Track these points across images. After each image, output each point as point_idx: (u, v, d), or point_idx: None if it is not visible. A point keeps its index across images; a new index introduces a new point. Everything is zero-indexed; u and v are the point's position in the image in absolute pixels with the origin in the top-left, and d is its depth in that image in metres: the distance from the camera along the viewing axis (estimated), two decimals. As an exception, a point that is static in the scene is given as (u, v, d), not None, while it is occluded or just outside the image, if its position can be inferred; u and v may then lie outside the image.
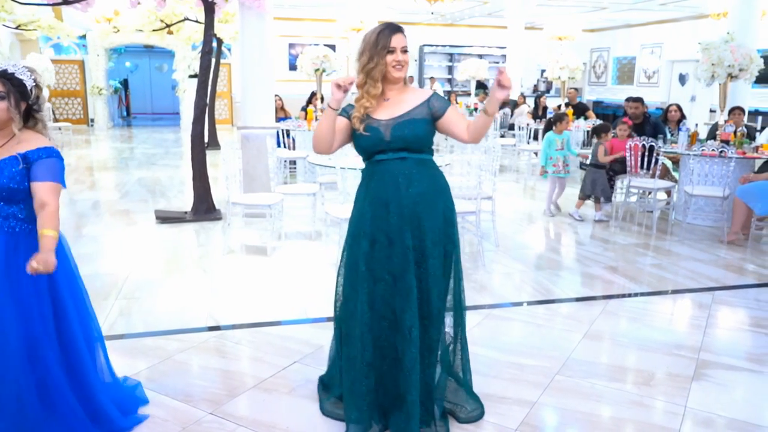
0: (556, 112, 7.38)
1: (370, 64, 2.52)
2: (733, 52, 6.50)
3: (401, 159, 2.56)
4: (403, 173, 2.56)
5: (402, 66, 2.55)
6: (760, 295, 4.58)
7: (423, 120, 2.58)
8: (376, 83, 2.54)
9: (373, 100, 2.55)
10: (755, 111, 12.79)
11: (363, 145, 2.60)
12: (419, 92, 2.67)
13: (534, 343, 3.67)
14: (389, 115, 2.57)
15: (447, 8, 12.79)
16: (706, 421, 2.84)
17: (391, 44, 2.51)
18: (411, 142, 2.56)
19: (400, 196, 2.55)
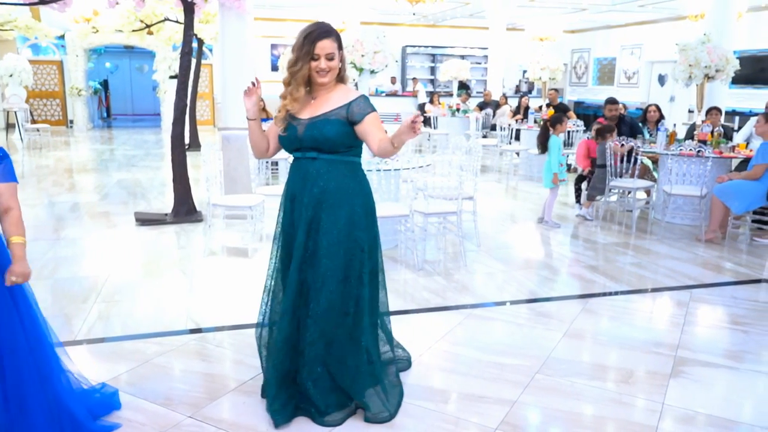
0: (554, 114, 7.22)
1: (295, 67, 2.56)
2: (710, 53, 6.60)
3: (312, 159, 2.63)
4: (310, 172, 2.63)
5: (327, 72, 2.57)
6: (737, 292, 4.65)
7: (337, 122, 2.59)
8: (299, 87, 2.58)
9: (295, 103, 2.60)
10: (732, 111, 13.00)
11: (282, 143, 2.70)
12: (345, 93, 2.67)
13: (515, 342, 3.69)
14: (309, 114, 2.63)
15: (429, 9, 12.82)
16: (683, 417, 2.87)
17: (315, 52, 2.53)
18: (321, 143, 2.59)
19: (304, 195, 2.64)
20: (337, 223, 2.61)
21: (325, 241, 2.61)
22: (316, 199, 2.63)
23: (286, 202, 2.75)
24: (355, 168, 2.71)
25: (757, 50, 13.80)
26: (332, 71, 2.59)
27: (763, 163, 5.62)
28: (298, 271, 2.65)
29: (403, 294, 4.47)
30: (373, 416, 2.72)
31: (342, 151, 2.64)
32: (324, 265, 2.62)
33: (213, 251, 5.47)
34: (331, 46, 2.56)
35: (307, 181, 2.63)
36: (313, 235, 2.63)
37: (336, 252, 2.63)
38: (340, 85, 2.71)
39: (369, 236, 2.73)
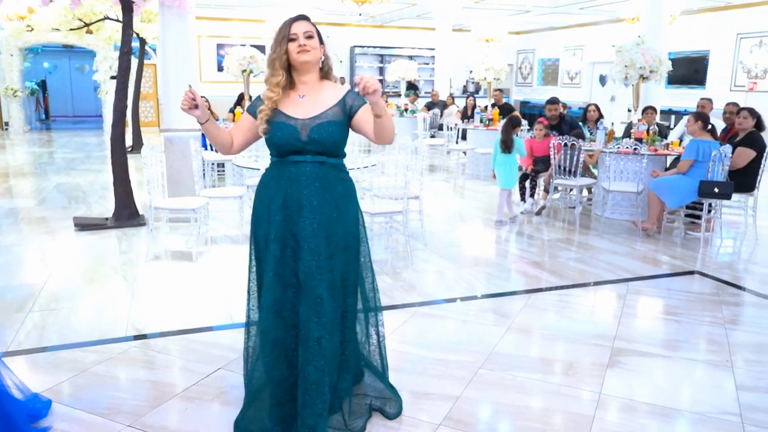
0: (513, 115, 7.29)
1: (273, 55, 2.48)
2: (644, 54, 6.85)
3: (319, 163, 2.48)
4: (320, 178, 2.47)
5: (308, 50, 2.45)
6: (671, 284, 4.85)
7: (339, 123, 2.49)
8: (276, 71, 2.46)
9: (276, 88, 2.46)
10: (669, 110, 13.53)
11: (277, 142, 2.48)
12: (335, 89, 2.56)
13: (460, 339, 3.74)
14: (305, 114, 2.47)
15: (375, 10, 12.86)
16: (620, 406, 2.98)
17: (292, 31, 2.45)
18: (329, 147, 2.48)
19: (317, 201, 2.46)
20: (348, 226, 2.55)
21: (341, 247, 2.53)
22: (330, 205, 2.49)
23: (291, 211, 2.46)
24: (346, 169, 2.66)
25: (690, 52, 14.41)
26: (314, 51, 2.46)
27: (688, 159, 5.87)
28: (321, 284, 2.44)
29: (350, 294, 4.47)
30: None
31: (341, 154, 2.59)
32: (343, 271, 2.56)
33: (156, 256, 5.35)
34: (307, 25, 2.48)
35: (318, 188, 2.46)
36: (333, 242, 2.50)
37: (350, 256, 2.58)
38: (327, 81, 2.59)
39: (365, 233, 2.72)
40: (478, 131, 10.23)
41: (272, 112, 2.48)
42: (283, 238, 2.47)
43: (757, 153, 6.11)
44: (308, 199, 2.45)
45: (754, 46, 13.07)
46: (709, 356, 3.57)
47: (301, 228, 2.44)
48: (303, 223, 2.44)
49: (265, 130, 2.48)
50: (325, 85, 2.57)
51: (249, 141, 2.63)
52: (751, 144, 6.12)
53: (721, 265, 5.44)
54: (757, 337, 3.85)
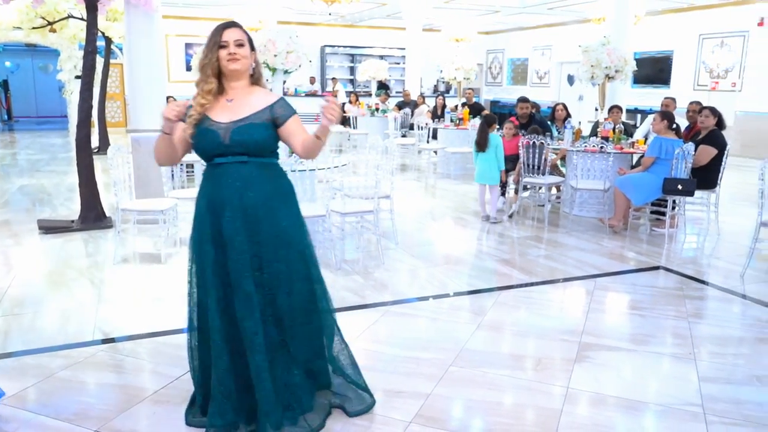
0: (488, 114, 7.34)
1: (204, 60, 2.49)
2: (609, 54, 6.98)
3: (241, 163, 2.52)
4: (242, 177, 2.51)
5: (238, 59, 2.49)
6: (637, 279, 4.95)
7: (263, 125, 2.53)
8: (208, 78, 2.49)
9: (207, 95, 2.49)
10: (635, 109, 13.79)
11: (201, 147, 2.53)
12: (265, 95, 2.61)
13: (431, 336, 3.77)
14: (229, 118, 2.50)
15: (345, 9, 12.85)
16: (587, 399, 3.04)
17: (223, 39, 2.47)
18: (251, 148, 2.51)
19: (238, 201, 2.51)
20: (278, 225, 2.56)
21: (271, 246, 2.55)
22: (252, 203, 2.52)
23: (217, 212, 2.53)
24: (279, 169, 2.68)
25: (655, 52, 14.72)
26: (244, 60, 2.50)
27: (650, 156, 6.01)
28: (248, 280, 2.50)
29: (321, 294, 4.47)
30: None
31: (268, 154, 2.60)
32: (277, 269, 2.57)
33: (124, 258, 5.27)
34: (239, 33, 2.51)
35: (239, 187, 2.50)
36: (257, 240, 2.53)
37: (284, 255, 2.59)
38: (257, 87, 2.64)
39: (306, 234, 2.73)
40: (449, 130, 10.29)
41: (201, 117, 2.51)
42: (214, 239, 2.54)
43: (718, 151, 6.28)
44: (229, 199, 2.52)
45: (716, 46, 13.41)
46: (673, 349, 3.65)
47: (224, 227, 2.52)
48: (225, 223, 2.51)
49: (191, 135, 2.51)
50: (255, 90, 2.61)
51: (188, 148, 2.63)
52: (713, 142, 6.28)
53: (684, 260, 5.57)
54: (719, 330, 3.96)
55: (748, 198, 7.78)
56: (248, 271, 2.51)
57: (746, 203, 7.61)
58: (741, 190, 8.67)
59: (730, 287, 4.76)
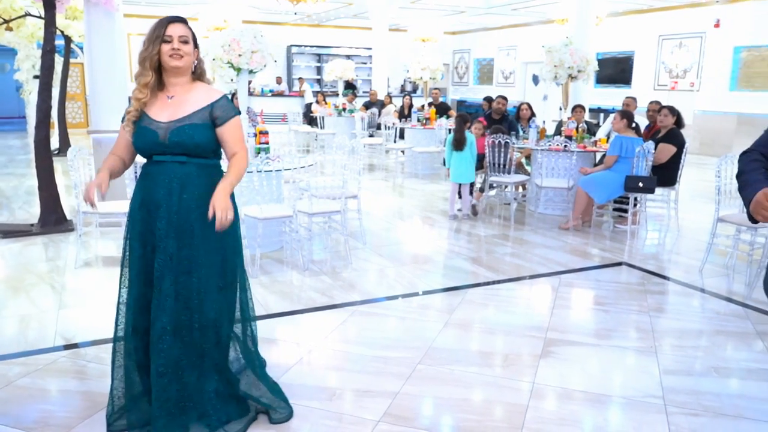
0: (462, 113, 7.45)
1: (144, 53, 2.45)
2: (572, 54, 7.10)
3: (180, 163, 2.49)
4: (178, 177, 2.48)
5: (181, 56, 2.44)
6: (600, 275, 5.05)
7: (203, 125, 2.49)
8: (146, 71, 2.44)
9: (144, 89, 2.45)
10: (597, 108, 14.06)
11: (139, 146, 2.51)
12: (207, 92, 2.55)
13: (399, 336, 3.79)
14: (169, 117, 2.46)
15: (311, 9, 12.80)
16: (552, 394, 3.09)
17: (167, 33, 2.43)
18: (190, 148, 2.48)
19: (172, 201, 2.47)
20: (211, 229, 2.45)
21: (202, 249, 2.50)
22: (186, 205, 2.47)
23: (142, 209, 2.51)
24: (220, 170, 2.61)
25: (617, 52, 15.02)
26: (187, 57, 2.45)
27: (612, 154, 6.14)
28: (168, 282, 2.46)
29: (289, 295, 4.45)
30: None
31: (209, 155, 2.56)
32: (205, 274, 2.52)
33: (87, 262, 5.16)
34: (183, 29, 2.47)
35: (174, 188, 2.46)
36: (187, 243, 2.48)
37: (214, 260, 2.55)
38: (199, 83, 2.57)
39: (239, 241, 2.71)
40: (416, 130, 10.34)
41: (140, 114, 2.47)
42: (143, 237, 2.51)
43: (677, 149, 6.44)
44: (165, 199, 2.48)
45: (675, 47, 13.75)
46: (635, 343, 3.74)
47: (157, 227, 2.48)
48: (158, 222, 2.48)
49: (131, 132, 2.48)
50: (197, 86, 2.57)
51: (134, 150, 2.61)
52: (672, 140, 6.45)
53: (646, 256, 5.70)
54: (679, 324, 4.06)
55: (706, 195, 8.00)
56: (172, 274, 2.47)
57: (705, 200, 7.83)
58: (700, 187, 8.92)
59: (689, 282, 4.89)
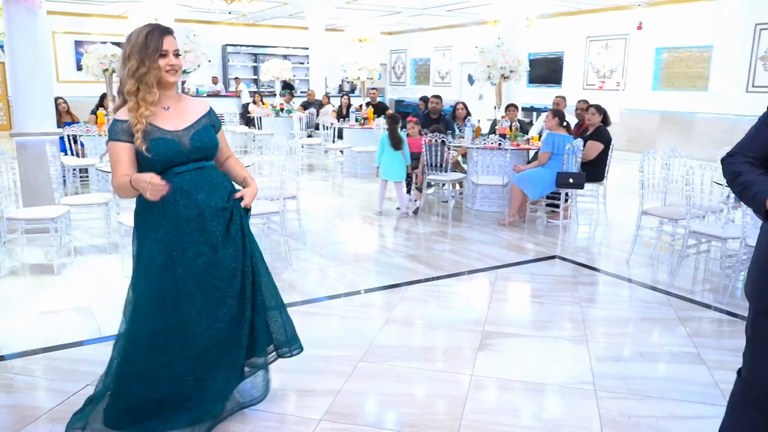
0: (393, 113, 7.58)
1: (142, 69, 2.38)
2: (504, 55, 7.30)
3: (200, 168, 2.53)
4: (208, 181, 2.53)
5: (176, 70, 2.46)
6: (535, 269, 5.22)
7: (211, 128, 2.60)
8: (151, 89, 2.40)
9: (152, 107, 2.42)
10: (530, 107, 14.47)
11: (162, 159, 2.42)
12: (197, 102, 2.65)
13: (339, 334, 3.81)
14: (177, 125, 2.48)
15: (246, 8, 12.62)
16: (489, 385, 3.18)
17: (164, 47, 2.40)
18: (210, 151, 2.57)
19: (212, 204, 2.51)
20: (243, 220, 2.62)
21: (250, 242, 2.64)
22: (223, 205, 2.55)
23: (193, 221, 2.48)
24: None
25: (548, 53, 15.51)
26: (180, 70, 2.48)
27: (545, 151, 6.36)
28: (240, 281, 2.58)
29: (228, 298, 4.39)
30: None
31: (213, 157, 2.65)
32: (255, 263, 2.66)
33: (12, 270, 4.94)
34: (175, 42, 2.48)
35: (214, 190, 2.54)
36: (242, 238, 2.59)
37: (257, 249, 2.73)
38: (183, 94, 2.65)
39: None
40: (354, 130, 10.38)
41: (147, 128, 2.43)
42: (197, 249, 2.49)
43: (604, 146, 6.73)
44: (205, 203, 2.50)
45: (601, 48, 14.32)
46: (568, 333, 3.89)
47: (211, 231, 2.50)
48: (210, 227, 2.50)
49: (147, 148, 2.41)
50: (185, 98, 2.64)
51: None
52: (599, 137, 6.73)
53: (577, 249, 5.93)
54: (608, 313, 4.26)
55: (632, 189, 8.37)
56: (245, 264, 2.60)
57: (631, 194, 8.18)
58: (626, 182, 9.32)
59: (617, 272, 5.12)
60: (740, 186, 1.92)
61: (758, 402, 2.03)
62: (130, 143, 2.42)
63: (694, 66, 12.40)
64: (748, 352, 2.07)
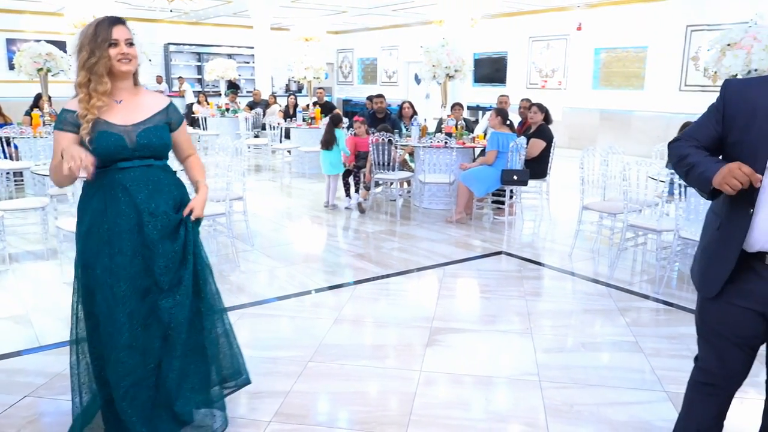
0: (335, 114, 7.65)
1: (92, 59, 2.33)
2: (449, 55, 7.40)
3: (147, 166, 2.45)
4: (152, 181, 2.45)
5: (129, 59, 2.39)
6: (481, 264, 5.32)
7: (165, 128, 2.52)
8: (101, 78, 2.34)
9: (104, 97, 2.35)
10: (476, 106, 14.70)
11: (102, 152, 2.35)
12: (156, 97, 2.58)
13: (288, 335, 3.80)
14: (127, 120, 2.41)
15: (188, 6, 12.37)
16: (438, 380, 3.23)
17: (113, 36, 2.34)
18: (159, 150, 2.48)
19: (152, 206, 2.42)
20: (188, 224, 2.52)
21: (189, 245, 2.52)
22: (166, 207, 2.45)
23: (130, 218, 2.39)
24: (173, 171, 2.63)
25: (492, 53, 15.79)
26: (134, 60, 2.40)
27: (492, 150, 6.48)
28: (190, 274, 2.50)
29: (174, 302, 4.31)
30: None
31: (166, 157, 2.57)
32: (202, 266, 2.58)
33: (-59, 280, 4.70)
34: (128, 32, 2.40)
35: (152, 190, 2.43)
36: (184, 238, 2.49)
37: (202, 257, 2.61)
38: (142, 87, 2.55)
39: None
40: (302, 130, 10.32)
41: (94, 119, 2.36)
42: (133, 248, 2.40)
43: (547, 143, 6.91)
44: (144, 204, 2.42)
45: (543, 48, 14.68)
46: (514, 326, 3.98)
47: (147, 234, 2.41)
48: (146, 228, 2.41)
49: (90, 140, 2.34)
50: (143, 91, 2.55)
51: None
52: (542, 135, 6.90)
53: (523, 244, 6.07)
54: (552, 306, 4.38)
55: (574, 185, 8.61)
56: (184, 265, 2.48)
57: (573, 190, 8.42)
58: (569, 178, 9.58)
59: (561, 266, 5.27)
60: (686, 167, 1.96)
61: (711, 388, 2.11)
62: (73, 134, 2.36)
63: (630, 66, 12.86)
64: (699, 340, 2.14)
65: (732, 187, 1.78)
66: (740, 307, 1.96)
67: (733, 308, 1.97)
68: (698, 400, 2.17)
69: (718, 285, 1.98)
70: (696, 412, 2.17)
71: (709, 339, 2.08)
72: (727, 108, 1.94)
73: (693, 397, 2.19)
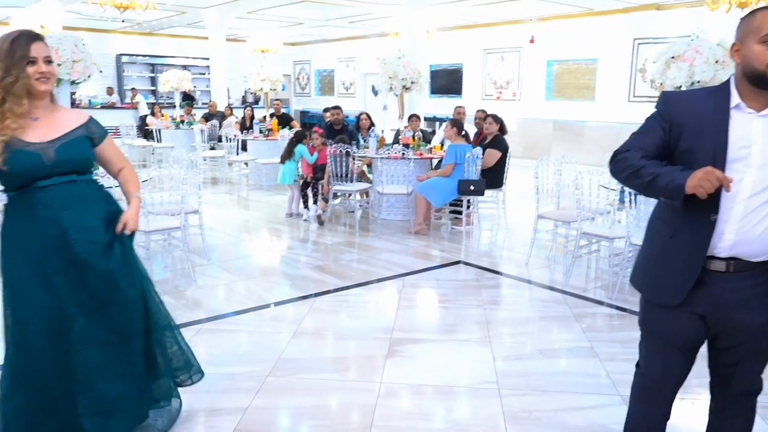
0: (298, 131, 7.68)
1: (9, 78, 2.22)
2: (405, 66, 7.47)
3: (70, 182, 2.37)
4: (76, 197, 2.38)
5: (48, 78, 2.31)
6: (440, 274, 5.36)
7: (85, 141, 2.44)
8: (20, 100, 2.24)
9: (20, 120, 2.26)
10: (433, 117, 14.85)
11: (18, 171, 2.28)
12: (73, 113, 2.51)
13: (246, 350, 3.74)
14: (43, 137, 2.32)
15: (140, 17, 12.17)
16: (398, 391, 3.23)
17: (31, 54, 2.25)
18: (79, 165, 2.41)
19: (78, 223, 2.35)
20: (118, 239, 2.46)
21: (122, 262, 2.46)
22: (96, 223, 2.39)
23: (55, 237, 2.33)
24: (99, 184, 2.58)
25: (448, 65, 16.00)
26: (53, 78, 2.33)
27: (449, 162, 6.55)
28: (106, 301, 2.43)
29: (127, 319, 4.20)
30: None
31: (89, 170, 2.50)
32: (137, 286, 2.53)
33: None
34: (46, 49, 2.31)
35: (84, 206, 2.38)
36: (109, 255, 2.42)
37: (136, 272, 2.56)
38: (59, 105, 2.47)
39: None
40: (258, 141, 10.23)
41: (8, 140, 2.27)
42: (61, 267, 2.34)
43: (502, 153, 7.03)
44: (69, 221, 2.34)
45: (498, 60, 14.96)
46: (473, 335, 4.02)
47: (75, 252, 2.35)
48: (75, 246, 2.35)
49: (3, 161, 2.25)
50: (60, 108, 2.48)
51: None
52: (497, 146, 7.02)
53: (480, 253, 6.15)
54: (510, 314, 4.45)
55: (530, 194, 8.77)
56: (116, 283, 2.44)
57: (529, 199, 8.57)
58: (524, 187, 9.75)
59: (518, 274, 5.35)
60: (648, 177, 1.90)
61: (654, 392, 2.15)
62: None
63: (581, 77, 13.22)
64: (642, 345, 2.17)
65: (706, 190, 1.77)
66: (686, 311, 2.00)
67: (680, 312, 2.02)
68: (643, 407, 2.21)
69: (681, 294, 1.97)
70: (642, 415, 2.22)
71: (655, 343, 2.11)
72: (673, 117, 1.95)
73: (638, 403, 2.23)
